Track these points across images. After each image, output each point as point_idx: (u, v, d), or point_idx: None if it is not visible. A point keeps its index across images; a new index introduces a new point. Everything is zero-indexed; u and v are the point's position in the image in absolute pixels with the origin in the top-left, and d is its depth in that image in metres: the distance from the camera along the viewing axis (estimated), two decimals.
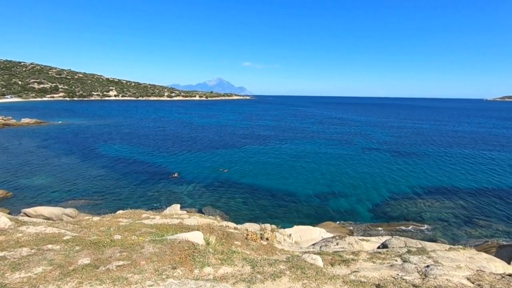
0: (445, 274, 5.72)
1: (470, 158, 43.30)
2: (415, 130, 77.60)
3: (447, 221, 22.06)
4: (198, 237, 6.98)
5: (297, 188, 29.00)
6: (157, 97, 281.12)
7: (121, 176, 32.13)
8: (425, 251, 7.59)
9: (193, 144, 53.00)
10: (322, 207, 24.67)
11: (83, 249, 5.86)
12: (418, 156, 44.39)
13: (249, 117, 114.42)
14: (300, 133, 69.07)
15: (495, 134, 70.99)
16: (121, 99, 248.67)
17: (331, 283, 5.12)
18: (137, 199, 25.48)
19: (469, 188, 29.31)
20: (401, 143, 55.77)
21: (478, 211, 23.81)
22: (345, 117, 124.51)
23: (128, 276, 4.73)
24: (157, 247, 6.05)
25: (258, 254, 7.09)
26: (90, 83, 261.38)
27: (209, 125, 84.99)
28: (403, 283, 5.33)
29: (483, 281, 5.60)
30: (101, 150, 46.19)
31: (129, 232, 7.46)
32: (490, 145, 54.39)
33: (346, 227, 20.89)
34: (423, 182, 31.03)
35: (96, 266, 5.10)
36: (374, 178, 32.34)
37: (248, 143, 54.58)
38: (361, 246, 9.95)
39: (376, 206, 24.90)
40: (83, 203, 24.50)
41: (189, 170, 34.92)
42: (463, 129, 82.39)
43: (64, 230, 7.20)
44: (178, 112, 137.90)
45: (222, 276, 5.23)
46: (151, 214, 10.33)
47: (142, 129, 72.39)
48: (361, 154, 45.63)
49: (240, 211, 23.39)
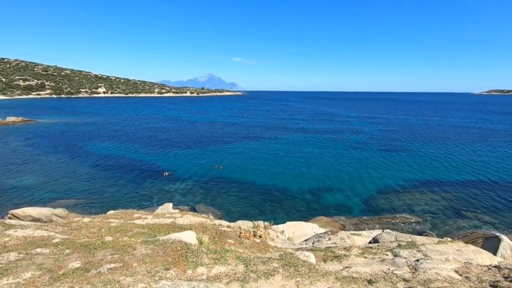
0: (434, 267, 5.86)
1: (455, 151, 44.28)
2: (403, 124, 78.77)
3: (436, 213, 22.56)
4: (191, 237, 6.96)
5: (289, 183, 29.16)
6: (147, 93, 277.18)
7: (111, 174, 31.68)
8: (415, 245, 7.75)
9: (184, 141, 52.59)
10: (314, 202, 24.90)
11: (73, 252, 5.77)
12: (406, 150, 45.14)
13: (240, 113, 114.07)
14: (291, 129, 69.28)
15: (478, 128, 72.70)
16: (110, 96, 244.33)
17: (324, 280, 5.18)
18: (128, 198, 25.18)
19: (455, 181, 30.01)
20: (390, 138, 56.58)
21: (465, 202, 24.42)
22: (335, 112, 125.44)
23: (120, 279, 4.68)
24: (150, 248, 6.01)
25: (252, 252, 7.11)
26: (77, 80, 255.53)
27: (200, 121, 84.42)
28: (394, 278, 5.44)
29: (470, 273, 5.76)
30: (91, 148, 45.41)
31: (121, 233, 7.37)
32: (474, 139, 55.71)
33: (338, 222, 21.15)
34: (412, 176, 31.63)
35: (87, 269, 5.03)
36: (365, 172, 32.78)
37: (239, 139, 54.48)
38: (353, 241, 10.09)
39: (367, 200, 25.26)
40: (73, 202, 24.08)
41: (181, 168, 34.68)
42: (449, 123, 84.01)
43: (53, 232, 7.07)
44: (169, 108, 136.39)
45: (215, 275, 5.23)
46: (143, 213, 10.24)
47: (132, 127, 71.39)
48: (351, 148, 46.11)
49: (233, 208, 23.40)
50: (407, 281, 5.23)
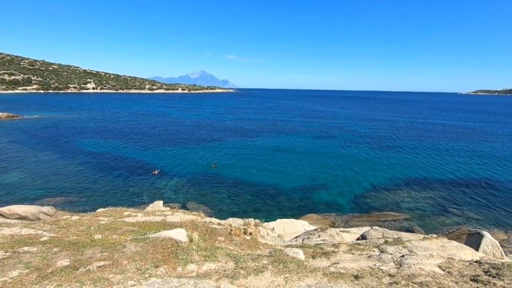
0: (418, 263, 6.05)
1: (440, 150, 45.36)
2: (392, 123, 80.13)
3: (423, 210, 23.12)
4: (181, 235, 6.98)
5: (281, 181, 29.35)
6: (138, 89, 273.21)
7: (101, 172, 31.24)
8: (401, 241, 7.96)
9: (175, 138, 52.21)
10: (305, 199, 25.14)
11: (61, 250, 5.72)
12: (394, 148, 45.95)
13: (232, 110, 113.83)
14: (282, 126, 69.56)
15: (462, 127, 74.62)
16: (99, 92, 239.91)
17: (312, 275, 5.30)
18: (118, 196, 24.92)
19: (441, 179, 30.78)
20: (379, 136, 57.46)
21: (451, 200, 25.08)
22: (326, 110, 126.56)
23: (110, 277, 4.68)
24: (140, 246, 6.01)
25: (242, 249, 7.19)
26: (66, 75, 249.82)
27: (192, 118, 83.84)
28: (380, 273, 5.59)
29: (453, 268, 5.98)
30: (79, 145, 44.62)
31: (110, 231, 7.34)
32: (458, 138, 57.28)
33: (328, 219, 21.44)
34: (400, 174, 32.25)
35: (76, 267, 5.01)
36: (355, 170, 33.25)
37: (231, 136, 54.41)
38: (341, 237, 10.28)
39: (357, 198, 25.66)
40: (61, 200, 23.68)
41: (172, 165, 34.46)
42: (435, 122, 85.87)
43: (41, 231, 6.99)
44: (160, 105, 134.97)
45: (205, 272, 5.28)
46: (133, 211, 10.19)
47: (122, 123, 70.39)
48: (341, 147, 46.66)
49: (224, 206, 23.43)
50: (392, 276, 5.39)
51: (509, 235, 19.28)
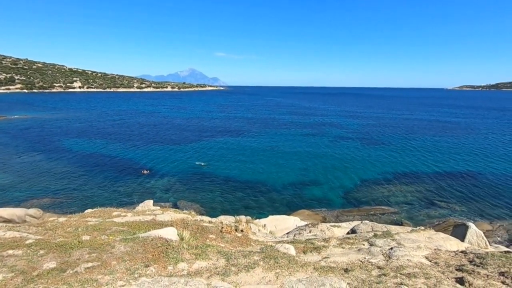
0: (406, 254, 6.18)
1: (426, 144, 46.42)
2: (379, 119, 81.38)
3: (412, 204, 23.61)
4: (172, 233, 6.93)
5: (272, 178, 29.45)
6: (126, 88, 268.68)
7: (88, 172, 30.65)
8: (389, 234, 8.11)
9: (165, 137, 51.65)
10: (296, 196, 25.31)
11: (48, 252, 5.59)
12: (383, 143, 46.70)
13: (222, 108, 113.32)
14: (272, 124, 69.70)
15: (448, 122, 76.50)
16: (86, 91, 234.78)
17: (302, 270, 5.34)
18: (107, 196, 24.52)
19: (428, 172, 31.50)
20: (367, 132, 58.30)
21: (438, 193, 25.69)
22: (315, 106, 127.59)
23: (98, 278, 4.61)
24: (129, 246, 5.93)
25: (233, 246, 7.18)
26: (51, 74, 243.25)
27: (182, 117, 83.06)
28: (369, 266, 5.69)
29: (439, 258, 6.13)
30: (66, 145, 43.62)
31: (99, 231, 7.21)
32: (442, 132, 58.80)
33: (320, 214, 21.66)
34: (389, 168, 32.81)
35: (63, 269, 4.90)
36: (344, 166, 33.66)
37: (221, 135, 54.21)
38: (332, 232, 10.39)
39: (347, 193, 26.00)
40: (48, 202, 23.15)
41: (162, 164, 34.10)
42: (422, 117, 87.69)
43: (26, 233, 6.81)
44: (149, 104, 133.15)
45: (196, 271, 5.26)
46: (123, 211, 10.04)
47: (110, 122, 69.14)
48: (331, 143, 47.12)
49: (215, 204, 23.37)
50: (381, 268, 5.49)
51: (493, 226, 19.91)
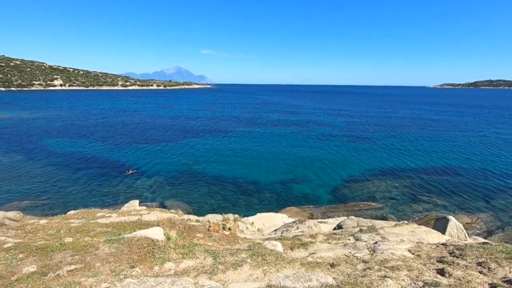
0: (390, 248, 6.34)
1: (408, 140, 47.80)
2: (363, 116, 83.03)
3: (396, 199, 24.25)
4: (158, 233, 6.84)
5: (260, 176, 29.53)
6: (110, 86, 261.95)
7: (70, 173, 29.77)
8: (374, 228, 8.30)
9: (150, 136, 50.79)
10: (284, 193, 25.49)
11: (28, 256, 5.41)
12: (368, 140, 47.68)
13: (208, 107, 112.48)
14: (259, 122, 69.80)
15: (428, 119, 79.01)
16: (68, 89, 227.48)
17: (290, 266, 5.39)
18: (90, 197, 23.89)
19: (411, 168, 32.44)
20: (353, 129, 59.34)
21: (421, 188, 26.50)
22: (303, 104, 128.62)
23: (82, 280, 4.50)
24: (114, 247, 5.81)
25: (221, 244, 7.17)
26: (30, 71, 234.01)
27: (168, 115, 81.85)
28: (355, 260, 5.80)
29: (421, 251, 6.33)
30: (46, 145, 42.19)
31: (82, 233, 7.03)
32: (423, 128, 60.69)
33: (307, 211, 21.91)
34: (374, 165, 33.56)
35: (44, 273, 4.75)
36: (331, 163, 34.16)
37: (208, 133, 53.83)
38: (319, 228, 10.54)
39: (334, 189, 26.41)
40: (29, 204, 22.35)
41: (147, 164, 33.54)
42: (405, 114, 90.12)
43: (4, 237, 6.56)
44: (134, 102, 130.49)
45: (183, 270, 5.21)
46: (107, 212, 9.82)
47: (93, 121, 67.31)
48: (317, 140, 47.66)
49: (203, 203, 23.22)
50: (366, 262, 5.61)
51: (472, 219, 20.73)
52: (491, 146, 43.57)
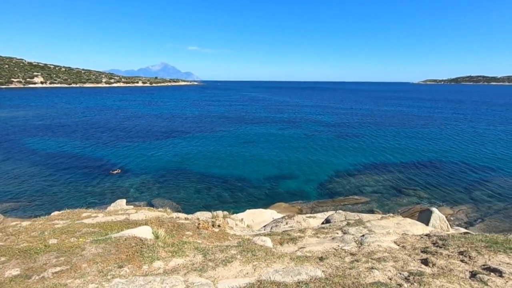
0: (376, 240, 6.50)
1: (395, 135, 49.04)
2: (350, 113, 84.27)
3: (382, 192, 24.83)
4: (147, 232, 6.75)
5: (248, 173, 29.56)
6: (94, 83, 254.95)
7: (53, 173, 28.91)
8: (361, 222, 8.48)
9: (136, 134, 49.88)
10: (272, 189, 25.64)
11: (10, 259, 5.24)
12: (353, 136, 48.54)
13: (195, 104, 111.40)
14: (246, 118, 69.82)
15: (411, 114, 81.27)
16: (49, 87, 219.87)
17: (279, 261, 5.44)
18: (75, 198, 23.30)
19: (395, 162, 33.29)
20: (339, 125, 60.29)
21: (406, 181, 27.23)
22: (290, 101, 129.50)
23: (68, 282, 4.40)
24: (101, 247, 5.70)
25: (210, 242, 7.15)
26: (7, 68, 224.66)
27: (153, 113, 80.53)
28: (343, 253, 5.92)
29: (406, 242, 6.52)
30: (27, 145, 40.75)
31: (68, 234, 6.86)
32: (406, 123, 62.42)
33: (296, 206, 22.13)
34: (360, 160, 34.21)
35: (28, 276, 4.62)
36: (318, 159, 34.58)
37: (195, 130, 53.38)
38: (308, 223, 10.67)
39: (322, 184, 26.77)
40: (10, 206, 21.59)
41: (134, 162, 32.96)
42: (389, 110, 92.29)
43: None
44: (118, 99, 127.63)
45: (173, 268, 5.18)
46: (93, 212, 9.61)
47: (75, 119, 65.46)
48: (305, 136, 48.11)
49: (192, 201, 23.08)
50: (354, 255, 5.73)
51: (454, 210, 21.50)
52: (468, 140, 45.28)
